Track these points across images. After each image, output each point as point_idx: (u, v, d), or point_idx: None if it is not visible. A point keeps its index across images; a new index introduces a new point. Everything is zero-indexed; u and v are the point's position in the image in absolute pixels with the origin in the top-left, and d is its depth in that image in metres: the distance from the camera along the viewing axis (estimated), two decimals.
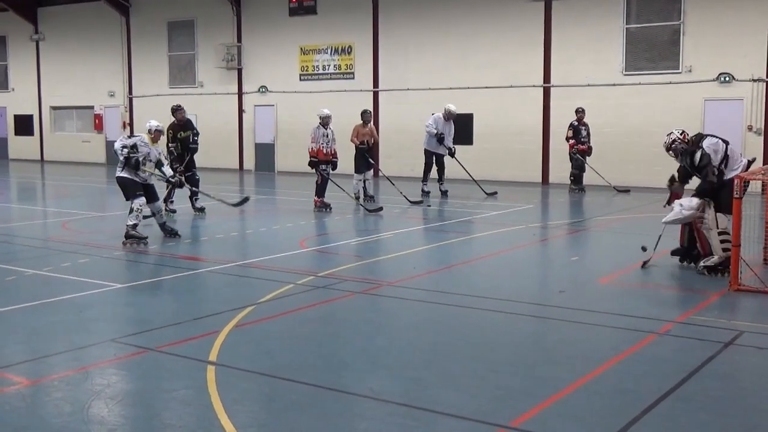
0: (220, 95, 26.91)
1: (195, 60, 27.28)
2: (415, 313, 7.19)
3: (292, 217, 14.08)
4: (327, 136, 14.68)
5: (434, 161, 17.80)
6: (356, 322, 6.85)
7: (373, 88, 23.95)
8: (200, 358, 5.74)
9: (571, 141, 18.20)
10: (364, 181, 16.03)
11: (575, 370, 5.50)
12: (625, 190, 18.44)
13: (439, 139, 17.50)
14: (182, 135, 14.04)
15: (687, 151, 8.90)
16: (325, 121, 14.73)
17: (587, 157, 18.46)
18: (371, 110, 17.78)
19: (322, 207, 14.59)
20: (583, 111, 18.40)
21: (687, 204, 8.83)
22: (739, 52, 18.56)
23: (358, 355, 5.88)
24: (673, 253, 9.39)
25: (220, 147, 26.47)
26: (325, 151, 14.63)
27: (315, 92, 24.95)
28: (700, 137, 8.93)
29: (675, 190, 9.37)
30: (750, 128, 18.45)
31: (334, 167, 14.86)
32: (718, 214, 8.69)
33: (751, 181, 8.22)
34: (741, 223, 7.92)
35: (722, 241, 8.61)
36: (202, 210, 13.98)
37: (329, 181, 14.68)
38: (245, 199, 13.90)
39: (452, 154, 17.77)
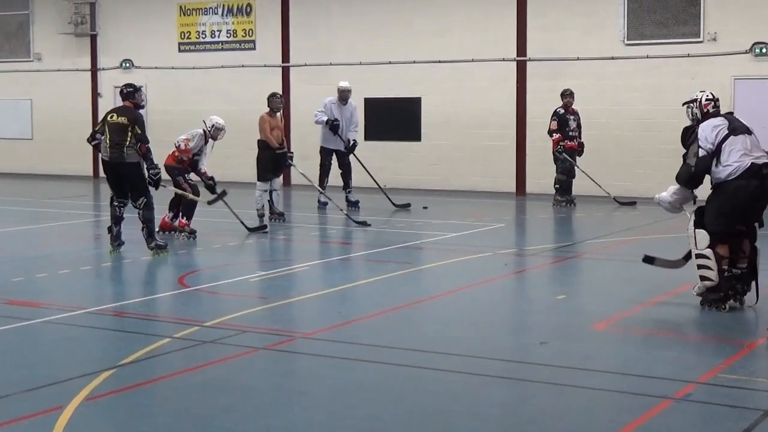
0: (66, 72, 26.57)
1: (29, 23, 26.91)
2: (342, 376, 7.17)
3: (169, 242, 13.91)
4: (204, 153, 14.56)
5: (332, 161, 18.06)
6: (259, 390, 6.79)
7: (282, 62, 23.96)
8: None
9: (556, 135, 18.45)
10: (271, 193, 16.01)
11: None
12: (630, 203, 18.79)
13: (333, 127, 17.61)
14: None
15: (689, 126, 9.39)
16: (215, 135, 14.59)
17: (578, 158, 18.77)
18: (280, 94, 17.77)
19: (189, 233, 14.29)
20: (571, 95, 18.67)
21: (670, 189, 9.46)
22: None
23: None
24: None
25: (65, 145, 26.03)
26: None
27: (200, 68, 24.83)
28: (719, 116, 9.33)
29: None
30: None
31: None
32: (697, 230, 9.06)
33: None
34: None
35: (699, 267, 9.04)
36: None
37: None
38: (222, 194, 14.39)
39: (349, 149, 17.97)
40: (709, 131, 9.09)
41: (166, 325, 8.68)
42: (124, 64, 25.84)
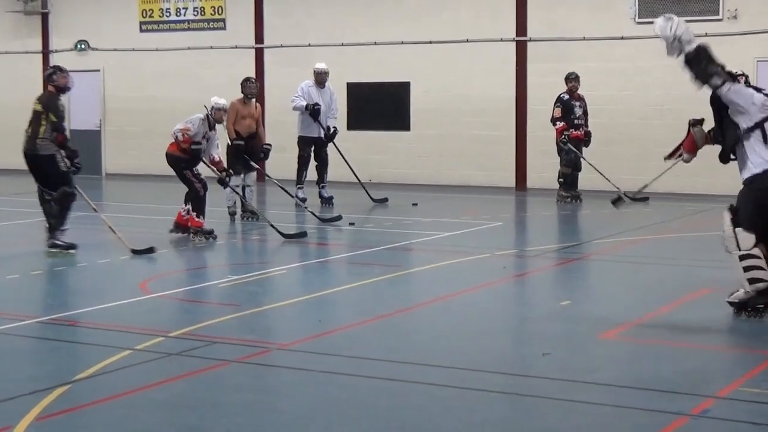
0: (14, 55, 26.52)
1: None
2: (323, 391, 7.17)
3: (130, 245, 13.93)
4: (209, 139, 14.44)
5: (312, 153, 18.12)
6: (230, 407, 6.79)
7: (256, 43, 23.95)
8: None
9: (560, 124, 18.50)
10: (243, 189, 16.00)
11: None
12: (642, 199, 18.82)
13: (314, 112, 17.63)
14: None
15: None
16: (217, 117, 14.52)
17: (584, 148, 18.81)
18: (254, 78, 17.78)
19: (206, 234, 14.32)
20: (576, 79, 18.72)
21: (688, 32, 9.42)
22: None
23: None
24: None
25: (11, 136, 25.91)
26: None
27: (164, 50, 24.79)
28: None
29: (695, 135, 9.68)
30: None
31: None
32: (737, 229, 8.95)
33: None
34: None
35: (747, 268, 8.90)
36: None
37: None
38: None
39: (329, 137, 18.05)
40: (756, 99, 8.88)
41: (126, 336, 8.65)
42: (79, 46, 25.78)
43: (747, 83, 9.37)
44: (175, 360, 7.93)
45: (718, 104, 9.13)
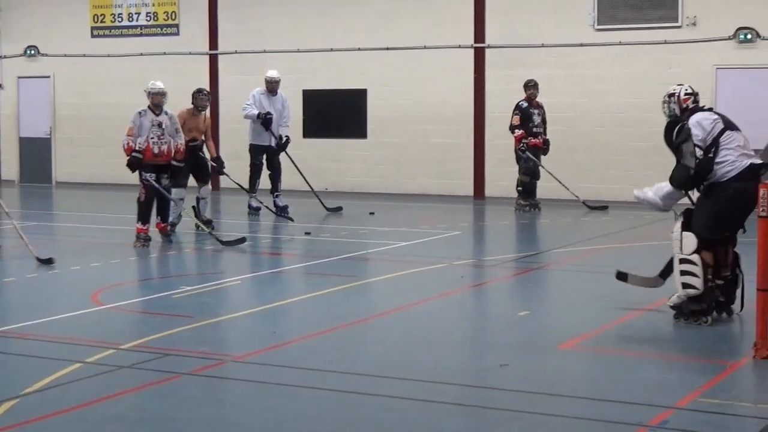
0: None
1: None
2: (278, 404, 7.16)
3: (80, 255, 13.86)
4: (161, 125, 14.42)
5: (264, 161, 18.09)
6: (183, 421, 6.76)
7: (209, 49, 23.89)
8: None
9: (519, 132, 18.57)
10: (198, 201, 15.88)
11: None
12: (601, 207, 18.96)
13: (266, 121, 17.63)
14: None
15: (674, 121, 9.47)
16: (155, 101, 14.50)
17: (543, 156, 18.89)
18: (207, 88, 17.71)
19: (164, 237, 14.51)
20: (535, 86, 18.82)
21: (658, 188, 9.53)
22: None
23: None
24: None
25: None
26: (156, 150, 14.36)
27: (116, 56, 24.68)
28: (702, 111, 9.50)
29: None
30: None
31: (174, 174, 14.66)
32: (685, 233, 9.20)
33: None
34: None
35: (682, 273, 9.17)
36: None
37: (168, 197, 14.50)
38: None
39: (281, 147, 18.05)
40: (705, 126, 9.21)
41: (76, 348, 8.58)
42: (28, 52, 25.59)
43: (695, 100, 9.52)
44: (127, 373, 7.88)
45: (673, 142, 9.41)
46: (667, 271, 9.70)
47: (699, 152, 9.13)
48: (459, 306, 10.89)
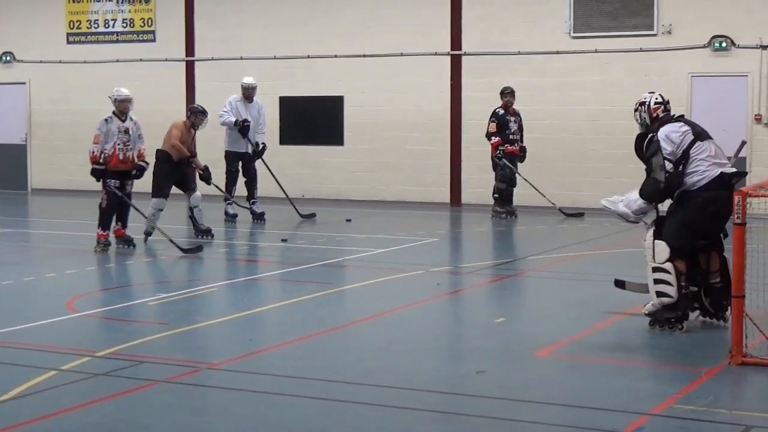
0: None
1: None
2: (254, 412, 7.15)
3: (56, 262, 13.83)
4: (127, 131, 14.42)
5: (240, 168, 18.06)
6: (158, 429, 6.74)
7: (186, 56, 23.83)
8: None
9: (495, 139, 18.60)
10: (192, 210, 15.66)
11: None
12: (577, 214, 19.00)
13: (243, 128, 17.61)
14: None
15: (643, 133, 9.55)
16: (121, 108, 14.49)
17: (519, 164, 18.93)
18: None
19: (123, 243, 14.59)
20: (512, 93, 18.86)
21: (628, 200, 9.59)
22: (742, 6, 19.57)
23: None
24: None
25: None
26: (122, 156, 14.36)
27: (92, 62, 24.59)
28: (673, 120, 9.56)
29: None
30: (758, 119, 19.38)
31: (139, 175, 14.63)
32: (657, 241, 9.27)
33: (753, 199, 8.58)
34: (745, 263, 8.26)
35: (656, 281, 9.25)
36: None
37: (128, 203, 14.48)
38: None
39: (258, 153, 18.06)
40: (674, 139, 9.28)
41: (51, 356, 8.55)
42: (3, 58, 25.46)
43: (666, 109, 9.58)
44: (102, 380, 7.86)
45: (644, 154, 9.50)
46: None
47: (669, 165, 9.21)
48: (436, 313, 10.90)
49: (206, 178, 16.32)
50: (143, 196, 15.42)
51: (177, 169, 15.66)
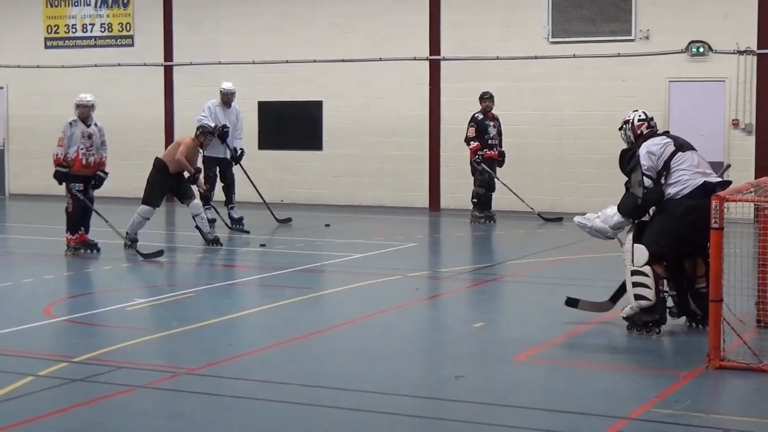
0: None
1: None
2: (232, 417, 7.14)
3: (33, 267, 13.80)
4: (91, 137, 14.46)
5: (218, 173, 18.05)
6: None
7: (164, 60, 23.81)
8: None
9: (474, 144, 18.63)
10: (194, 218, 15.55)
11: None
12: (556, 219, 19.04)
13: (222, 134, 17.60)
14: None
15: (628, 149, 9.62)
16: (83, 114, 14.52)
17: (498, 169, 18.96)
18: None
19: (86, 248, 14.59)
20: (490, 98, 18.88)
21: (605, 215, 9.66)
22: (719, 11, 19.68)
23: None
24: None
25: None
26: (84, 161, 14.39)
27: (70, 67, 24.54)
28: (657, 135, 9.64)
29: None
30: (736, 124, 19.48)
31: (98, 185, 14.65)
32: (636, 245, 9.33)
33: (731, 204, 8.64)
34: (722, 267, 8.31)
35: (634, 284, 9.30)
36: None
37: (91, 208, 14.51)
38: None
39: (236, 159, 18.06)
40: (654, 151, 9.33)
41: (28, 362, 8.52)
42: None
43: (650, 126, 9.64)
44: (80, 386, 7.83)
45: (626, 167, 9.56)
46: (617, 295, 9.84)
47: (647, 181, 9.28)
48: (414, 318, 10.90)
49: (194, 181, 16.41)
50: (134, 202, 15.37)
51: (172, 180, 15.59)
